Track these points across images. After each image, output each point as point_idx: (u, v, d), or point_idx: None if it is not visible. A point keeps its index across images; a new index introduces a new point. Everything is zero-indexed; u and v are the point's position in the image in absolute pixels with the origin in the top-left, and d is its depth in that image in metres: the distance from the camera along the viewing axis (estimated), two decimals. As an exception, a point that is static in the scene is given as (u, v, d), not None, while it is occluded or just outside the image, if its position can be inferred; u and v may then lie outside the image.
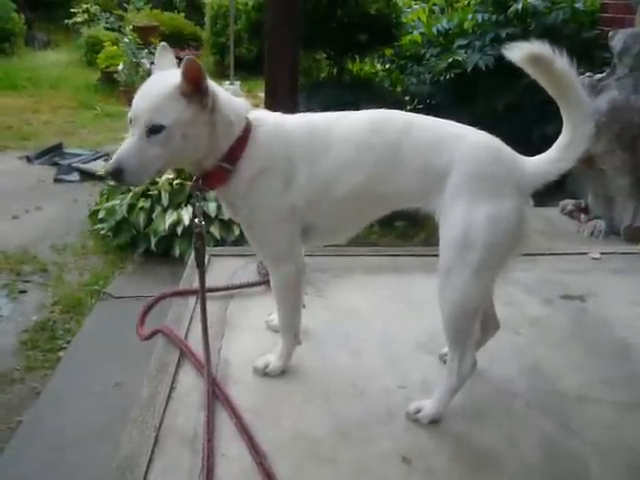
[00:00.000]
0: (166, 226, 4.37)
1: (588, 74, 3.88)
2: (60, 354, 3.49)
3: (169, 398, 1.89)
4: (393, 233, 4.75)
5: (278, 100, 3.39)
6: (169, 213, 4.44)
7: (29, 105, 9.29)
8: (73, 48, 12.67)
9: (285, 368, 2.04)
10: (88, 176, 6.39)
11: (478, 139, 1.75)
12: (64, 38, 13.59)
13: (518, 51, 1.61)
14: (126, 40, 9.45)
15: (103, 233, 4.83)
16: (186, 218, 4.33)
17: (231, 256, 2.85)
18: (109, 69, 9.92)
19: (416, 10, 6.32)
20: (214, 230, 4.29)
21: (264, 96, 3.71)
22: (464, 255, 1.66)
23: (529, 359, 2.19)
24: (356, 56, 6.40)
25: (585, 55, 4.49)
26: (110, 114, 8.99)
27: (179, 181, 4.49)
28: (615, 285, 2.75)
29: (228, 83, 7.17)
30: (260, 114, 1.84)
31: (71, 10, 12.68)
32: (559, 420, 1.90)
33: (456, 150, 1.70)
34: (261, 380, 2.02)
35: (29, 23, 13.08)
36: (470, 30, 5.52)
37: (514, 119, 4.87)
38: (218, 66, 10.89)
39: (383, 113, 1.83)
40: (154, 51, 1.93)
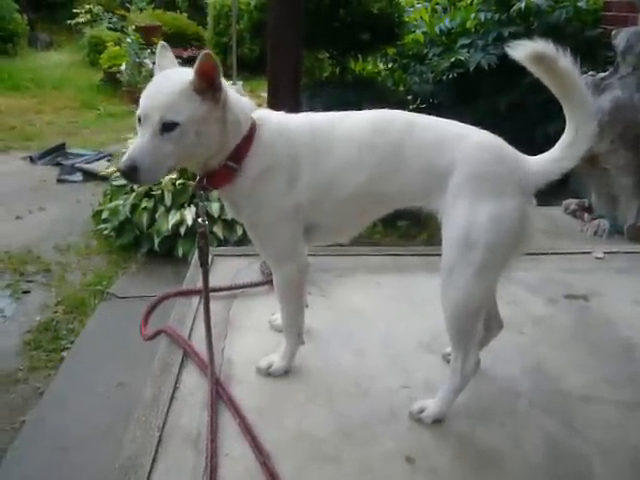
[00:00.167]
0: (169, 226, 4.37)
1: (591, 73, 3.87)
2: (63, 354, 3.49)
3: (172, 398, 1.89)
4: (396, 233, 4.74)
5: (281, 100, 3.39)
6: (172, 213, 4.44)
7: (32, 106, 9.31)
8: (76, 48, 12.70)
9: (288, 368, 2.04)
10: (91, 176, 6.39)
11: (480, 138, 1.75)
12: (67, 38, 13.64)
13: (521, 49, 1.61)
14: (129, 40, 9.47)
15: (106, 233, 4.83)
16: (189, 218, 4.33)
17: (234, 256, 2.86)
18: (112, 69, 9.96)
19: (419, 9, 6.30)
20: (217, 230, 4.29)
21: (267, 96, 3.71)
22: (467, 254, 1.66)
23: (532, 358, 2.19)
24: (359, 55, 6.38)
25: (588, 54, 4.47)
26: (113, 114, 9.02)
27: (182, 181, 4.49)
28: (619, 284, 2.75)
29: (231, 83, 7.15)
30: (264, 113, 1.84)
31: (74, 10, 12.76)
32: (562, 419, 1.89)
33: (458, 150, 1.70)
34: (264, 380, 2.02)
35: (32, 24, 13.13)
36: (473, 29, 5.51)
37: (517, 118, 4.86)
38: (220, 66, 10.88)
39: (385, 113, 1.83)
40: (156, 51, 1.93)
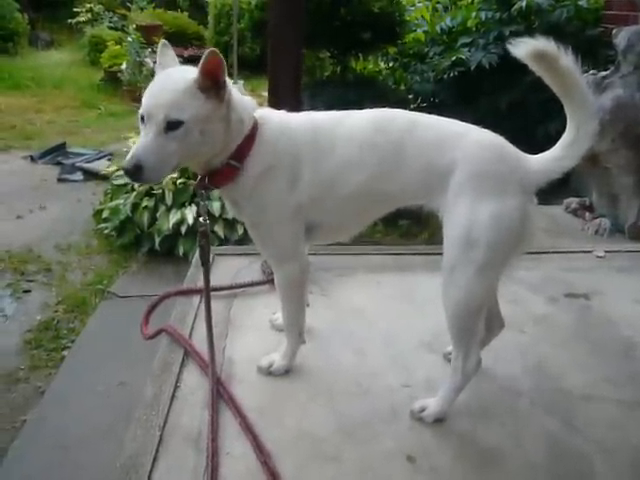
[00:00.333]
0: (170, 225, 4.37)
1: (592, 72, 3.87)
2: (64, 353, 3.50)
3: (173, 397, 1.89)
4: (397, 232, 4.74)
5: (281, 99, 3.40)
6: (173, 212, 4.45)
7: (32, 105, 9.31)
8: (76, 48, 12.69)
9: (289, 367, 2.04)
10: (92, 175, 6.39)
11: (481, 137, 1.75)
12: (67, 38, 13.63)
13: (523, 47, 1.60)
14: (129, 39, 9.48)
15: (107, 232, 4.83)
16: (190, 217, 4.33)
17: (235, 255, 2.86)
18: (112, 68, 9.95)
19: (419, 8, 6.29)
20: (218, 229, 4.29)
21: (267, 95, 3.72)
22: (468, 253, 1.66)
23: (533, 358, 2.18)
24: (359, 54, 6.39)
25: (589, 53, 4.46)
26: (114, 113, 9.02)
27: (183, 180, 4.49)
28: (620, 283, 2.75)
29: (232, 82, 7.16)
30: (265, 112, 1.84)
31: (74, 10, 12.75)
32: (563, 418, 1.89)
33: (459, 148, 1.70)
34: (265, 379, 2.02)
35: (32, 23, 13.12)
36: (474, 28, 5.50)
37: (518, 117, 4.86)
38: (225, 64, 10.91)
39: (386, 112, 1.83)
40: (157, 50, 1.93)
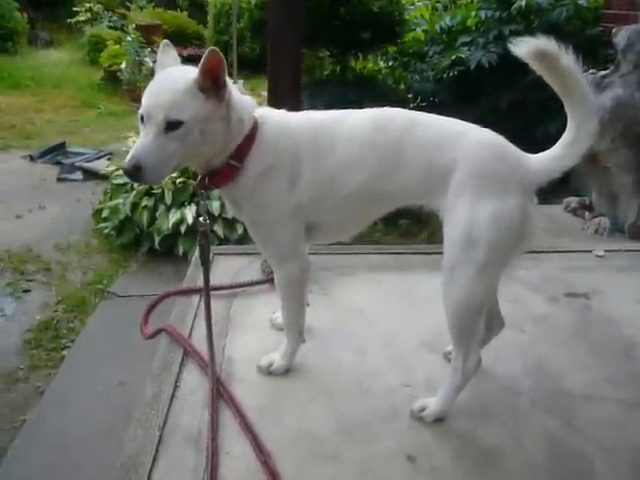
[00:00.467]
0: (170, 225, 4.37)
1: (592, 71, 3.87)
2: (64, 353, 3.49)
3: (173, 397, 1.89)
4: (396, 231, 4.74)
5: (281, 98, 3.39)
6: (172, 212, 4.45)
7: (32, 104, 9.31)
8: (76, 47, 12.69)
9: (289, 366, 2.04)
10: (91, 175, 6.39)
11: (481, 137, 1.75)
12: (67, 37, 13.62)
13: (524, 46, 1.60)
14: (129, 39, 9.48)
15: (107, 232, 4.83)
16: (189, 217, 4.33)
17: (235, 254, 2.86)
18: (112, 68, 9.95)
19: (419, 7, 6.30)
20: (217, 229, 4.29)
21: (267, 94, 3.71)
22: (468, 253, 1.66)
23: (534, 357, 2.18)
24: (359, 54, 6.39)
25: (589, 52, 4.45)
26: (113, 113, 9.02)
27: (182, 180, 4.49)
28: (620, 283, 2.75)
29: (231, 82, 7.16)
30: (265, 112, 1.84)
31: (74, 9, 12.75)
32: (563, 418, 1.89)
33: (459, 148, 1.70)
34: (265, 379, 2.02)
35: (32, 22, 13.11)
36: (473, 27, 5.49)
37: (517, 117, 4.86)
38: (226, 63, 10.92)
39: (386, 111, 1.83)
40: (157, 50, 1.93)
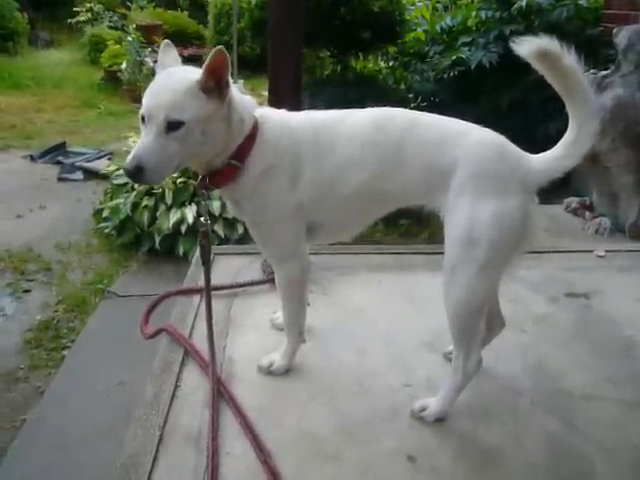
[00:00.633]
0: (170, 225, 4.37)
1: (592, 71, 3.87)
2: (64, 353, 3.49)
3: (173, 397, 1.89)
4: (397, 231, 4.74)
5: (282, 98, 3.39)
6: (173, 212, 4.44)
7: (32, 104, 9.30)
8: (76, 47, 12.68)
9: (289, 366, 2.04)
10: (92, 175, 6.38)
11: (482, 136, 1.75)
12: (67, 37, 13.62)
13: (526, 46, 1.60)
14: (129, 39, 9.47)
15: (107, 232, 4.83)
16: (190, 217, 4.33)
17: (235, 254, 2.86)
18: (112, 68, 9.94)
19: (419, 7, 6.29)
20: (218, 228, 4.29)
21: (268, 94, 3.71)
22: (469, 253, 1.66)
23: (534, 357, 2.18)
24: (360, 54, 6.39)
25: (589, 52, 4.44)
26: (114, 113, 9.02)
27: (183, 179, 4.49)
28: (620, 283, 2.75)
29: (232, 82, 7.16)
30: (266, 112, 1.84)
31: (74, 9, 12.73)
32: (564, 418, 1.89)
33: (460, 148, 1.70)
34: (265, 378, 2.02)
35: (32, 22, 13.10)
36: (474, 27, 5.49)
37: (518, 117, 4.85)
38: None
39: (387, 111, 1.83)
40: (157, 50, 1.93)
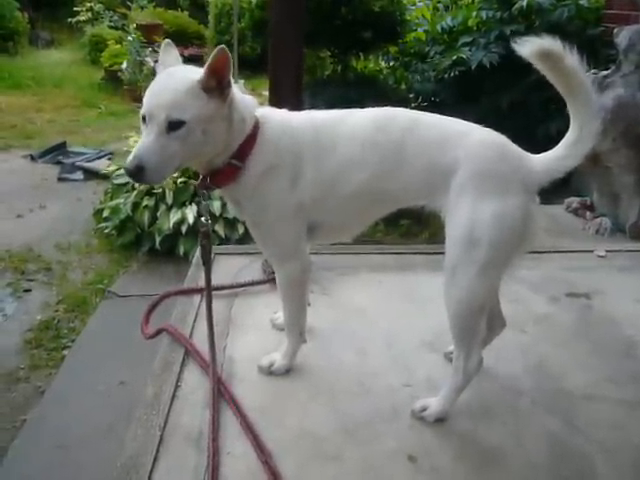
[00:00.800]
0: (170, 225, 4.37)
1: (593, 71, 3.87)
2: (64, 353, 3.49)
3: (174, 397, 1.89)
4: (398, 231, 4.74)
5: (282, 98, 3.38)
6: (173, 212, 4.44)
7: (33, 104, 9.30)
8: (77, 47, 12.68)
9: (290, 366, 2.04)
10: (92, 175, 6.39)
11: (483, 136, 1.75)
12: (68, 37, 13.61)
13: (528, 46, 1.60)
14: (130, 38, 9.48)
15: (107, 232, 4.82)
16: (190, 217, 4.33)
17: (236, 254, 2.86)
18: (113, 68, 9.94)
19: (420, 7, 6.30)
20: (219, 228, 4.29)
21: (268, 94, 3.70)
22: (470, 253, 1.66)
23: (535, 357, 2.18)
24: (360, 54, 6.39)
25: (590, 52, 4.44)
26: (114, 112, 9.02)
27: (183, 179, 4.49)
28: (621, 283, 2.75)
29: (233, 81, 7.16)
30: (266, 111, 1.84)
31: (75, 9, 12.73)
32: (565, 418, 1.89)
33: (461, 147, 1.70)
34: (266, 378, 2.02)
35: (32, 22, 13.10)
36: (474, 27, 5.49)
37: (519, 117, 4.85)
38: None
39: (388, 111, 1.83)
40: (158, 49, 1.93)
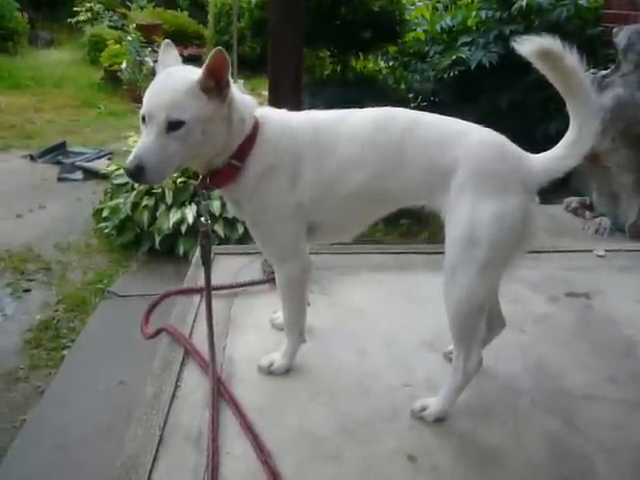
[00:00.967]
0: (170, 224, 4.36)
1: (592, 71, 3.87)
2: (64, 353, 3.49)
3: (173, 397, 1.89)
4: (397, 231, 4.74)
5: (282, 98, 3.38)
6: (173, 211, 4.44)
7: (32, 104, 9.29)
8: (76, 47, 12.67)
9: (290, 366, 2.04)
10: (92, 175, 6.38)
11: (483, 136, 1.75)
12: (67, 37, 13.60)
13: (528, 45, 1.60)
14: (129, 38, 9.47)
15: (107, 232, 4.82)
16: (190, 216, 4.33)
17: (235, 254, 2.86)
18: (112, 67, 9.94)
19: (420, 7, 6.29)
20: (218, 228, 4.29)
21: (268, 94, 3.70)
22: (469, 252, 1.66)
23: (534, 357, 2.18)
24: (360, 53, 6.38)
25: (589, 52, 4.45)
26: (113, 112, 9.01)
27: (183, 179, 4.48)
28: (620, 283, 2.75)
29: (232, 81, 7.16)
30: (266, 111, 1.84)
31: (74, 9, 12.73)
32: (564, 418, 1.89)
33: (461, 147, 1.70)
34: (266, 378, 2.02)
35: (32, 22, 13.09)
36: (474, 27, 5.49)
37: (518, 116, 4.85)
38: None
39: (387, 111, 1.83)
40: (157, 49, 1.93)
